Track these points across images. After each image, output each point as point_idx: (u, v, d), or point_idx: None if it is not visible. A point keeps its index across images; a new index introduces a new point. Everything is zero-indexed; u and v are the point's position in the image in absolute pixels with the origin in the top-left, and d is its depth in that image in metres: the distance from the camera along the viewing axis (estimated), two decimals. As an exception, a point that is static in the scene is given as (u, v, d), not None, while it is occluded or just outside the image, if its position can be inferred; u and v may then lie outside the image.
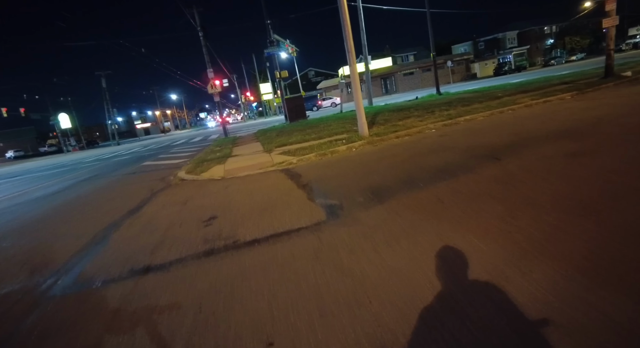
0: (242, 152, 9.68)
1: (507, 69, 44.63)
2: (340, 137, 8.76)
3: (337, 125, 11.41)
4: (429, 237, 2.63)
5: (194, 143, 19.08)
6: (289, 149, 8.22)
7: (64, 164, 20.64)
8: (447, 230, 2.70)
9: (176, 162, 10.26)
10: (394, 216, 3.16)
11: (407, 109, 13.32)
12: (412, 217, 3.09)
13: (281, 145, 9.14)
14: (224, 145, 12.12)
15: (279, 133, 12.63)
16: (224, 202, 4.60)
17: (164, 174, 8.28)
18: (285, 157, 7.46)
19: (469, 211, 3.02)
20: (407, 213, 3.19)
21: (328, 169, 5.77)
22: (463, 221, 2.83)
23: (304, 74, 63.79)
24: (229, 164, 7.78)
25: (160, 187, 6.56)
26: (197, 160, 9.05)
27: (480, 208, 3.03)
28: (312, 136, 9.65)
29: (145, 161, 12.42)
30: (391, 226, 2.95)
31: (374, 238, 2.76)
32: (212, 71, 17.33)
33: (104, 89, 46.83)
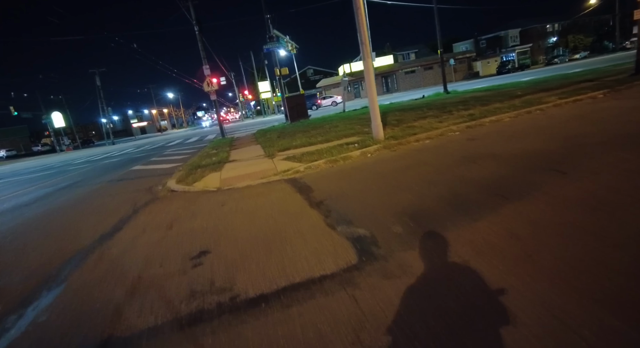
0: (240, 156, 8.72)
1: (510, 67, 43.79)
2: (351, 140, 7.82)
3: (345, 126, 10.47)
4: (527, 306, 1.70)
5: (189, 144, 18.10)
6: (293, 154, 7.28)
7: (53, 165, 19.61)
8: (549, 294, 1.77)
9: (168, 167, 9.29)
10: (458, 263, 2.23)
11: (418, 108, 12.39)
12: (484, 265, 2.16)
13: (284, 148, 8.20)
14: (220, 148, 11.16)
15: (280, 134, 11.68)
16: (218, 227, 3.65)
17: (153, 182, 7.32)
18: (290, 163, 6.53)
19: (567, 257, 2.09)
20: (476, 258, 2.26)
21: (344, 181, 4.83)
22: (567, 276, 1.91)
23: (302, 72, 62.71)
24: (226, 171, 6.83)
25: (146, 200, 5.60)
26: (190, 166, 8.09)
27: (582, 253, 2.10)
28: (319, 139, 8.70)
29: (135, 165, 11.44)
30: (460, 281, 2.03)
31: (443, 306, 1.83)
32: (208, 68, 16.35)
33: (98, 87, 45.70)
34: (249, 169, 6.74)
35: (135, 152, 18.57)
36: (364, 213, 3.36)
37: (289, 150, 7.97)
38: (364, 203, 3.68)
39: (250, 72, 52.52)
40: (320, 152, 6.95)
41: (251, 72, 52.40)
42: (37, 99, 41.57)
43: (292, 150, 7.97)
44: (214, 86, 16.32)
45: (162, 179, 7.32)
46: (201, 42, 16.58)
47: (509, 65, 44.17)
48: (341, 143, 7.58)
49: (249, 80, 54.80)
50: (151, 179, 7.72)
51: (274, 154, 7.77)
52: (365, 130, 8.84)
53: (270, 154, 7.90)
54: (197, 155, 10.35)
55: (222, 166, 7.44)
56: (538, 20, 56.85)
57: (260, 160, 7.54)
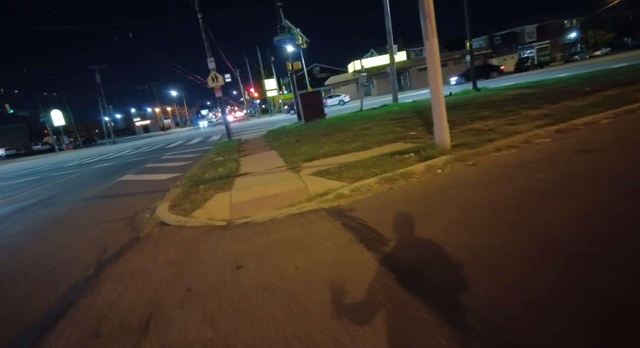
0: (254, 166, 6.90)
1: (529, 64, 41.66)
2: (399, 147, 5.99)
3: (379, 129, 8.61)
4: None
5: (191, 146, 16.32)
6: (326, 166, 5.45)
7: (43, 168, 17.94)
8: None
9: (163, 179, 7.50)
10: None
11: (461, 106, 10.50)
12: None
13: (310, 157, 6.37)
14: (227, 153, 9.35)
15: (298, 137, 9.84)
16: (235, 338, 1.83)
17: (140, 202, 5.53)
18: (326, 181, 4.72)
19: None
20: None
21: (426, 220, 2.99)
22: None
23: (308, 70, 60.85)
24: (237, 191, 5.01)
25: (121, 242, 3.80)
26: (190, 180, 6.28)
27: None
28: (353, 145, 6.86)
29: (127, 173, 9.67)
30: None
31: None
32: (212, 61, 14.54)
33: (98, 84, 44.15)
34: (270, 188, 4.92)
35: (132, 155, 16.84)
36: (526, 315, 1.52)
37: (318, 161, 6.14)
38: (511, 289, 1.83)
39: (256, 68, 50.71)
40: (364, 164, 5.13)
41: (257, 69, 50.60)
42: (35, 97, 40.00)
43: (322, 160, 6.15)
44: (219, 81, 14.52)
45: (153, 199, 5.51)
46: (205, 31, 14.77)
47: (527, 62, 42.01)
48: (388, 152, 5.73)
49: (255, 78, 53.02)
50: (139, 198, 5.92)
51: (299, 166, 5.94)
52: (412, 135, 7.00)
53: (293, 164, 6.07)
54: (200, 163, 8.53)
55: (231, 182, 5.62)
56: (555, 16, 54.56)
57: (281, 174, 5.71)
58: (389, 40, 19.04)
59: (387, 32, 18.93)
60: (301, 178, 5.12)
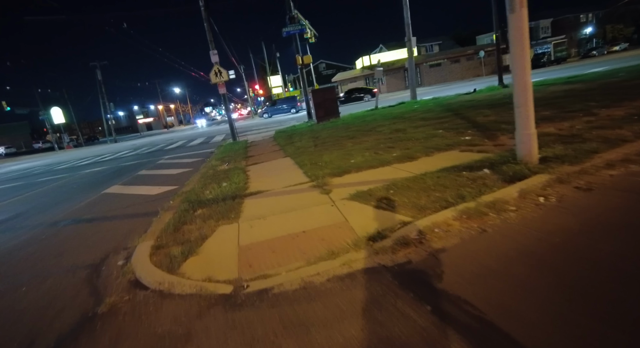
0: (266, 181, 5.48)
1: (545, 60, 39.89)
2: (462, 158, 4.55)
3: (416, 131, 7.14)
4: None
5: (192, 148, 14.96)
6: (364, 184, 4.03)
7: (33, 170, 16.69)
8: None
9: (154, 195, 6.12)
10: None
11: (501, 104, 9.01)
12: None
13: (339, 170, 4.95)
14: (232, 160, 7.95)
15: (315, 141, 8.40)
16: None
17: (116, 235, 4.15)
18: (372, 211, 3.34)
19: None
20: None
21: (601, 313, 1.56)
22: None
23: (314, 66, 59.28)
24: (247, 223, 3.60)
25: (65, 325, 2.41)
26: (186, 200, 4.89)
27: None
28: (393, 154, 5.42)
29: (115, 182, 8.31)
30: None
31: None
32: (216, 53, 13.12)
33: (99, 81, 42.96)
34: (293, 219, 3.50)
35: (129, 157, 15.51)
36: None
37: (350, 175, 4.72)
38: None
39: (261, 65, 49.25)
40: (422, 184, 3.73)
41: (262, 65, 49.14)
42: (34, 94, 38.85)
43: (355, 174, 4.72)
44: (223, 76, 13.11)
45: (134, 229, 4.13)
46: (207, 21, 13.35)
47: (544, 58, 40.23)
48: (448, 166, 4.30)
49: (259, 75, 51.58)
50: (118, 226, 4.54)
51: (327, 182, 4.52)
52: (466, 140, 5.54)
53: (318, 180, 4.65)
54: (200, 173, 7.13)
55: (238, 206, 4.20)
56: (571, 10, 52.54)
57: (305, 195, 4.29)
58: (407, 33, 17.54)
59: (406, 24, 17.45)
60: (335, 205, 3.70)
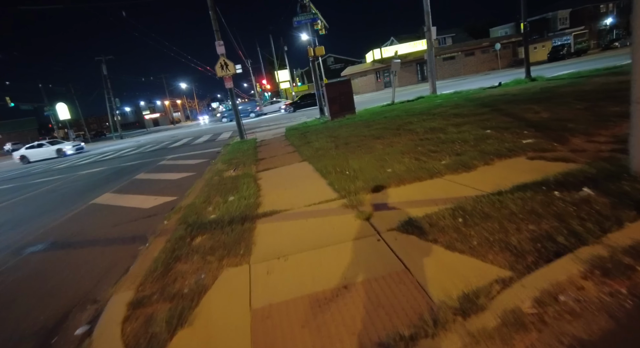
0: (283, 195, 4.47)
1: (564, 52, 38.10)
2: (535, 168, 3.48)
3: (457, 131, 6.01)
4: None
5: (197, 147, 14.02)
6: (419, 205, 3.00)
7: (30, 169, 15.96)
8: None
9: (146, 209, 5.15)
10: None
11: (546, 99, 7.84)
12: None
13: (375, 183, 3.91)
14: (240, 164, 6.95)
15: (334, 141, 7.33)
16: None
17: (95, 268, 3.22)
18: (443, 251, 2.28)
19: None
20: None
21: None
22: None
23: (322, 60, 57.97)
24: (262, 267, 2.59)
25: None
26: (182, 221, 3.90)
27: None
28: (442, 162, 4.35)
29: (108, 189, 7.38)
30: None
31: None
32: (222, 44, 12.11)
33: (105, 76, 42.30)
34: (325, 263, 2.48)
35: (130, 157, 14.65)
36: None
37: (392, 190, 3.68)
38: None
39: (269, 58, 48.11)
40: (503, 210, 2.70)
41: (269, 59, 48.00)
42: (40, 89, 38.29)
43: (398, 188, 3.69)
44: (230, 69, 12.10)
45: (114, 264, 3.16)
46: (213, 10, 12.33)
47: (563, 51, 38.43)
48: (524, 181, 3.23)
49: (267, 69, 50.50)
50: (98, 255, 3.57)
51: (362, 200, 3.50)
52: (528, 143, 4.44)
53: (350, 196, 3.61)
54: (204, 180, 6.14)
55: (249, 235, 3.20)
56: (590, 0, 50.33)
57: (336, 219, 3.26)
58: (427, 21, 16.33)
59: (425, 12, 16.24)
60: (383, 239, 2.68)
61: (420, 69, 40.80)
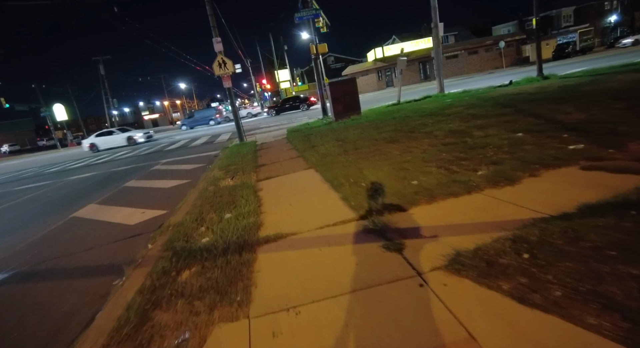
0: (289, 215, 3.81)
1: (569, 50, 37.39)
2: (603, 185, 2.81)
3: (484, 134, 5.33)
4: None
5: (194, 149, 13.36)
6: (462, 231, 2.34)
7: (20, 174, 15.34)
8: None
9: (133, 225, 4.50)
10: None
11: (568, 99, 7.17)
12: None
13: (402, 199, 3.24)
14: (239, 170, 6.29)
15: (343, 145, 6.66)
16: None
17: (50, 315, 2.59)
18: (515, 306, 1.59)
19: None
20: None
21: None
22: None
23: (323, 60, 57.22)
24: (266, 329, 1.92)
25: None
26: (169, 245, 3.25)
27: None
28: (478, 172, 3.67)
29: (94, 198, 6.73)
30: None
31: None
32: (220, 41, 11.45)
33: (102, 76, 41.64)
34: (352, 324, 1.82)
35: (124, 160, 13.99)
36: None
37: (422, 208, 3.03)
38: None
39: (268, 58, 47.41)
40: (581, 242, 2.02)
41: (269, 59, 47.31)
42: (36, 90, 37.60)
43: (429, 206, 3.03)
44: (228, 68, 11.44)
45: (71, 315, 2.51)
46: (210, 4, 11.66)
47: (568, 49, 37.73)
48: (588, 200, 2.57)
49: (267, 69, 49.80)
50: (61, 292, 2.93)
51: (387, 222, 2.83)
52: (578, 149, 3.77)
53: (372, 218, 2.95)
54: (198, 190, 5.48)
55: (248, 273, 2.54)
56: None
57: (358, 250, 2.59)
58: (434, 17, 15.66)
59: (432, 7, 15.56)
60: (427, 285, 2.02)
61: (423, 67, 40.12)
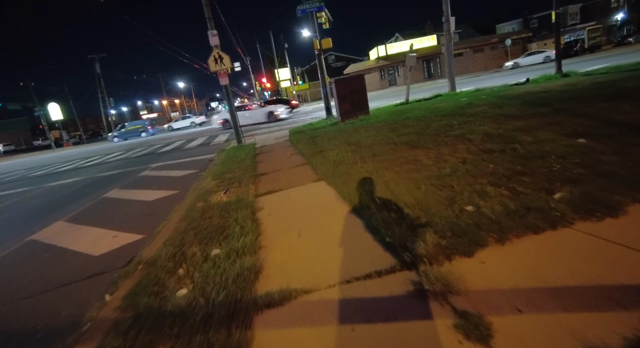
0: (299, 254, 2.86)
1: (577, 48, 36.44)
2: None
3: (526, 135, 4.37)
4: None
5: (189, 152, 12.41)
6: (588, 305, 1.39)
7: (3, 177, 14.36)
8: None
9: (97, 256, 3.56)
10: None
11: (613, 97, 6.22)
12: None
13: (465, 237, 2.29)
14: (234, 183, 5.35)
15: (357, 150, 5.71)
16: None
17: None
18: None
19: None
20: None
21: None
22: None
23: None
24: None
25: None
26: (131, 301, 2.31)
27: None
28: (556, 196, 2.69)
29: (67, 212, 5.80)
30: None
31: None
32: (216, 34, 10.49)
33: (98, 75, 40.71)
34: None
35: (113, 164, 13.06)
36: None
37: (491, 251, 2.07)
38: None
39: (268, 55, 46.41)
40: None
41: (269, 57, 46.30)
42: (29, 88, 36.62)
43: (502, 249, 2.07)
44: (225, 63, 10.48)
45: None
46: (205, -6, 10.70)
47: (576, 47, 36.77)
48: None
49: (267, 67, 48.80)
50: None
51: (452, 281, 1.89)
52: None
53: (428, 272, 2.01)
54: (184, 209, 4.54)
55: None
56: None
57: (421, 330, 1.65)
58: (445, 11, 14.74)
59: (444, 0, 14.63)
60: None
61: (427, 66, 39.18)
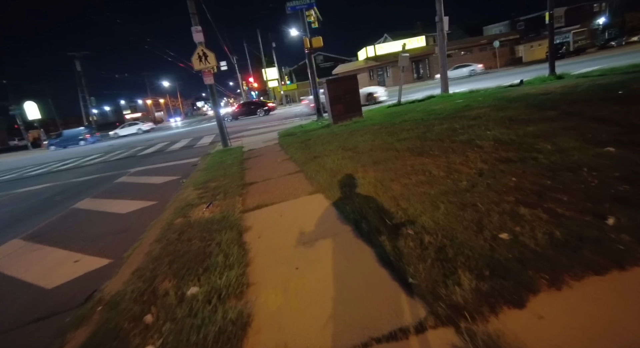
0: (295, 295, 2.33)
1: (564, 51, 36.93)
2: None
3: (549, 143, 3.94)
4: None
5: (170, 155, 11.72)
6: None
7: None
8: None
9: (48, 290, 2.96)
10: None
11: (622, 100, 5.89)
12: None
13: (514, 282, 1.81)
14: (219, 193, 4.78)
15: (356, 155, 5.20)
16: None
17: None
18: None
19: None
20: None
21: None
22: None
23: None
24: None
25: None
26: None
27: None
28: (610, 221, 2.26)
29: (27, 227, 5.13)
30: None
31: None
32: (200, 30, 9.86)
33: (79, 73, 39.27)
34: None
35: (90, 168, 12.25)
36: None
37: (546, 304, 1.59)
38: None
39: (256, 55, 45.61)
40: None
41: (257, 56, 45.52)
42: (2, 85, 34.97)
43: (575, 303, 1.60)
44: (210, 62, 9.87)
45: None
46: (188, -12, 10.05)
47: (562, 49, 37.26)
48: None
49: (254, 67, 48.00)
50: None
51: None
52: None
53: (475, 335, 1.52)
54: (161, 226, 3.95)
55: None
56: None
57: None
58: (439, 10, 14.41)
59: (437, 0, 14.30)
60: None
61: (416, 67, 39.08)
